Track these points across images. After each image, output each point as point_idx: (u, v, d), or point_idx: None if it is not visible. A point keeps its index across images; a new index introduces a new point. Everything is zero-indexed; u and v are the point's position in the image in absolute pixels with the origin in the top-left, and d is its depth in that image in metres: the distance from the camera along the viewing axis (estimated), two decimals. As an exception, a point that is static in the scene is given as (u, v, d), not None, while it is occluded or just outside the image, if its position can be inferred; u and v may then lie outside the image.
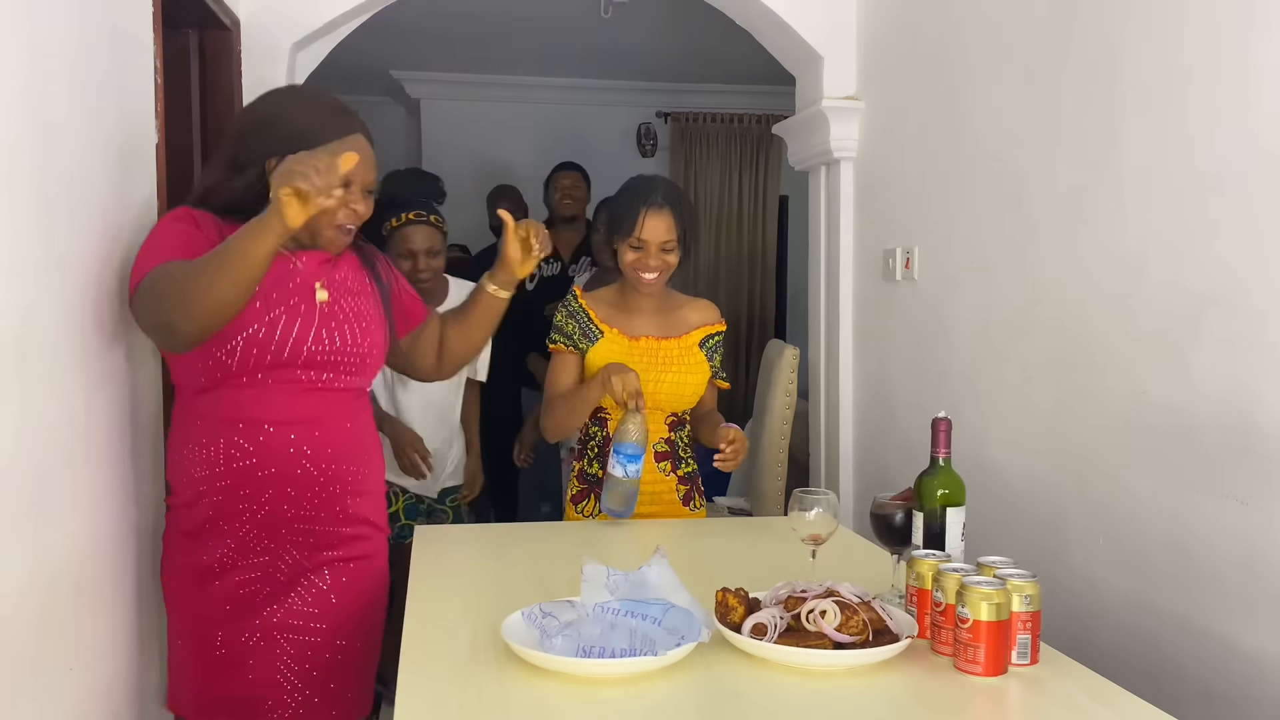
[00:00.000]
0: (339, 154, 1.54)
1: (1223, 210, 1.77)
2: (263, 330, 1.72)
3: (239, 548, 1.76)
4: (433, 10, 4.72)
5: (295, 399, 1.77)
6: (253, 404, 1.74)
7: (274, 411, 1.75)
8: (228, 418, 1.74)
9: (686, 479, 2.34)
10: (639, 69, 6.01)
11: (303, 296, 1.77)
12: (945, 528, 1.53)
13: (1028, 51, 2.34)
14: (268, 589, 1.78)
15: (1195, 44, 1.84)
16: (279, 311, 1.73)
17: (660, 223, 2.21)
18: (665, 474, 2.30)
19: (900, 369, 2.97)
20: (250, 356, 1.71)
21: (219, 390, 1.74)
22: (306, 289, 1.78)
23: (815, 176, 3.43)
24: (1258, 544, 1.69)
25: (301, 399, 1.78)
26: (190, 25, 2.78)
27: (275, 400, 1.75)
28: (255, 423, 1.74)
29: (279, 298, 1.74)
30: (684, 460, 2.34)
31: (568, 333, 2.29)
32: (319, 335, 1.78)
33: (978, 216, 2.56)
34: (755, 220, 6.53)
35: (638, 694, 1.25)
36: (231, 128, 1.72)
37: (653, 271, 2.23)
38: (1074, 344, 2.17)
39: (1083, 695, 1.28)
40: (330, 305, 1.81)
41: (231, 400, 1.74)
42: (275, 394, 1.75)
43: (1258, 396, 1.69)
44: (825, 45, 3.22)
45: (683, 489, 2.33)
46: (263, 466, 1.75)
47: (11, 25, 1.50)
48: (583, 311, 2.29)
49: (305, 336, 1.76)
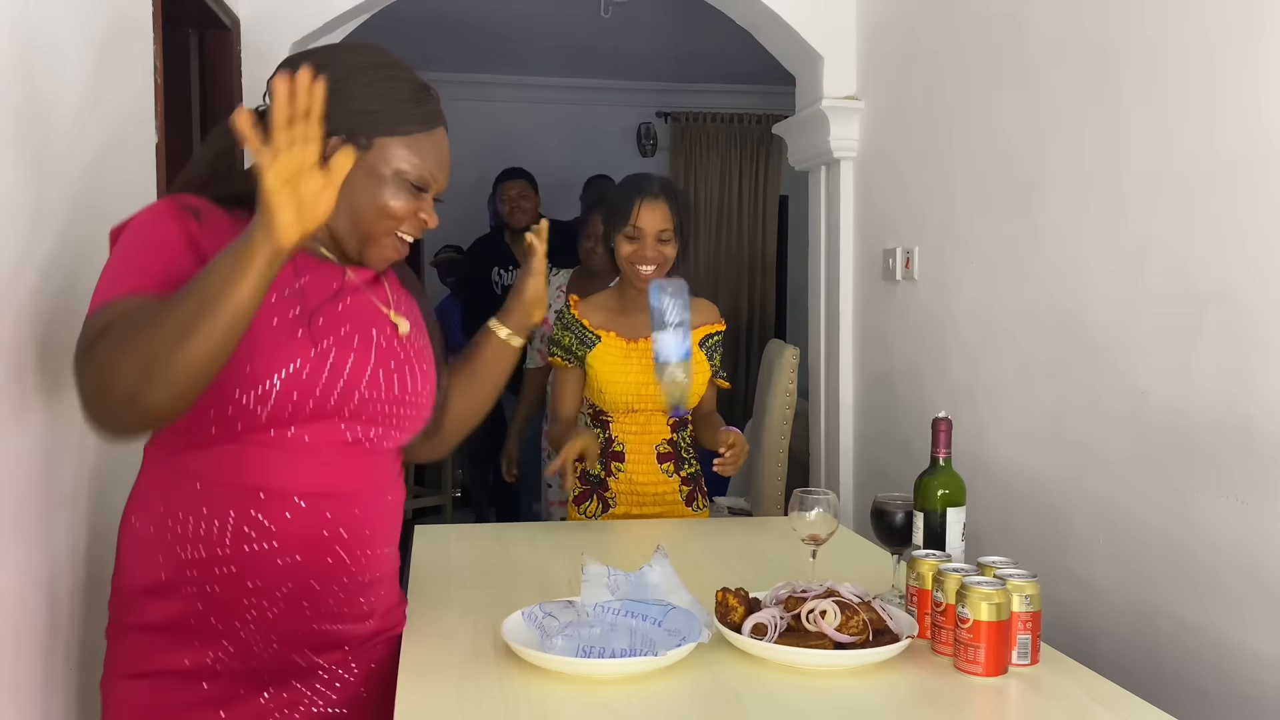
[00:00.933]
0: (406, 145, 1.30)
1: (1222, 210, 1.77)
2: (308, 368, 1.26)
3: (237, 653, 1.30)
4: (433, 10, 4.72)
5: (336, 463, 1.32)
6: (281, 468, 1.28)
7: (308, 479, 1.30)
8: (244, 484, 1.27)
9: (690, 480, 2.34)
10: (639, 69, 6.01)
11: (356, 324, 1.35)
12: (945, 528, 1.53)
13: (1028, 51, 2.34)
14: (262, 698, 1.33)
15: (1195, 43, 1.84)
16: (328, 343, 1.30)
17: (656, 212, 2.21)
18: (669, 475, 2.30)
19: (900, 369, 2.97)
20: (288, 403, 1.26)
21: (233, 446, 1.27)
22: (361, 314, 1.37)
23: (815, 176, 3.43)
24: (1258, 544, 1.69)
25: (344, 463, 1.33)
26: (190, 25, 2.78)
27: (310, 464, 1.30)
28: (281, 494, 1.28)
29: (327, 324, 1.31)
30: (686, 461, 2.34)
31: (565, 345, 2.29)
32: (375, 378, 1.34)
33: (978, 216, 2.56)
34: (755, 220, 6.54)
35: (638, 694, 1.25)
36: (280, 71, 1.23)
37: (650, 264, 2.22)
38: (1074, 344, 2.17)
39: (1083, 695, 1.28)
40: (389, 339, 1.39)
41: (253, 461, 1.27)
42: (311, 456, 1.30)
43: (1258, 396, 1.69)
44: (825, 45, 3.22)
45: (686, 489, 2.33)
46: (285, 552, 1.29)
47: (12, 25, 1.49)
48: (576, 322, 2.29)
49: (359, 378, 1.32)
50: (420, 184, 1.36)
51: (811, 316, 3.50)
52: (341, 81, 1.29)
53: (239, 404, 1.24)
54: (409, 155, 1.34)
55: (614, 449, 2.29)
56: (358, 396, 1.32)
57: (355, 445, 1.34)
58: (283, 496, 1.29)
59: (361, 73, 1.33)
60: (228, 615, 1.29)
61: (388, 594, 1.43)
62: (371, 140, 1.32)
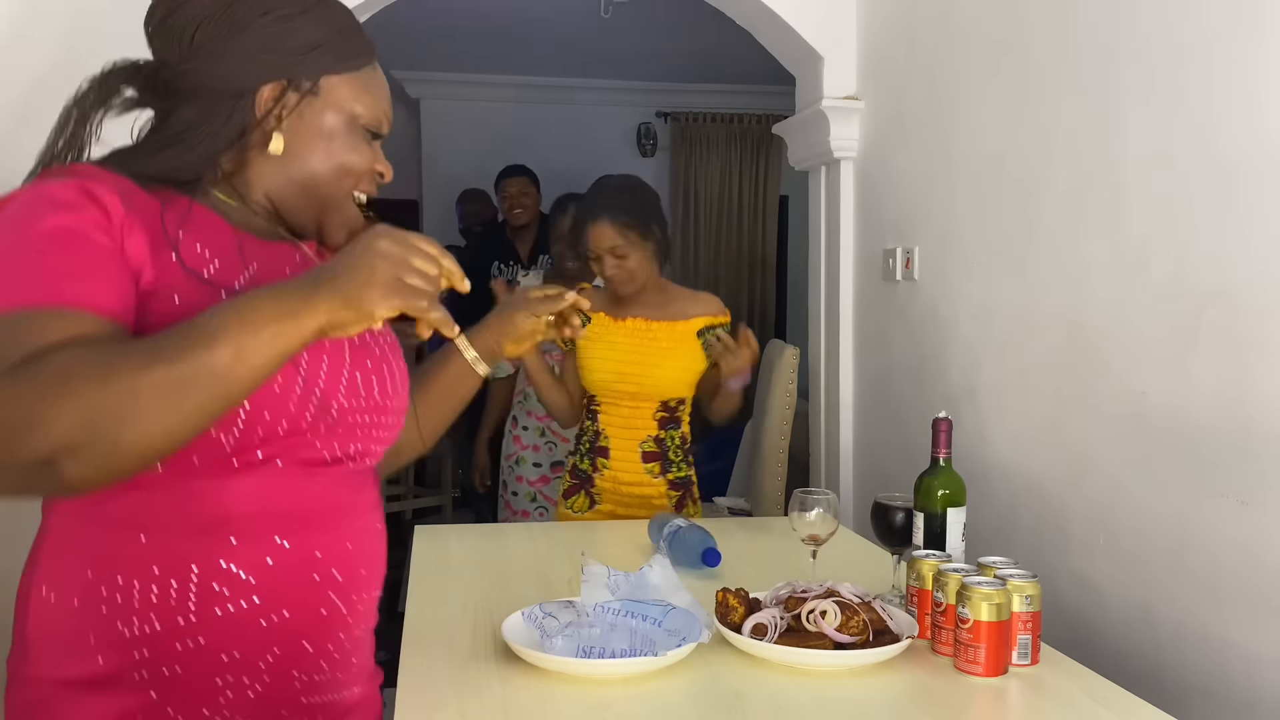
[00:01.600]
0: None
1: (1223, 209, 1.77)
2: (278, 380, 0.99)
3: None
4: (433, 10, 4.72)
5: (318, 490, 1.06)
6: (253, 503, 1.01)
7: (288, 513, 1.03)
8: (207, 529, 0.99)
9: (679, 484, 2.31)
10: (639, 69, 6.01)
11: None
12: (946, 528, 1.53)
13: (1028, 51, 2.34)
14: None
15: (1195, 42, 1.84)
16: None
17: (602, 234, 2.27)
18: (653, 476, 2.28)
19: (900, 369, 2.97)
20: (258, 424, 0.99)
21: (188, 483, 0.98)
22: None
23: (815, 176, 3.43)
24: (1258, 544, 1.69)
25: (327, 489, 1.07)
26: (190, 25, 2.78)
27: (288, 493, 1.03)
28: (257, 535, 1.02)
29: None
30: (675, 464, 2.31)
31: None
32: (353, 383, 1.09)
33: (978, 216, 2.56)
34: (755, 220, 6.54)
35: (638, 694, 1.25)
36: (172, 18, 1.02)
37: (613, 280, 2.28)
38: (1074, 344, 2.17)
39: (1083, 695, 1.28)
40: (362, 334, 1.10)
41: (216, 499, 0.99)
42: (289, 484, 1.03)
43: (1258, 397, 1.69)
44: (825, 45, 3.21)
45: (675, 494, 2.30)
46: (269, 609, 1.02)
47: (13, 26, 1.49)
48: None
49: (335, 385, 1.06)
50: (375, 128, 1.12)
51: (811, 316, 3.50)
52: (268, 16, 1.04)
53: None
54: (362, 94, 1.10)
55: (600, 443, 2.29)
56: (335, 406, 1.05)
57: (337, 464, 1.08)
58: (260, 538, 1.01)
59: (290, 1, 1.07)
60: (193, 703, 1.00)
61: (372, 650, 1.20)
62: (317, 82, 1.07)
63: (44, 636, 1.00)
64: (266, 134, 1.06)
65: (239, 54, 1.03)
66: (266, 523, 1.02)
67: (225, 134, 1.03)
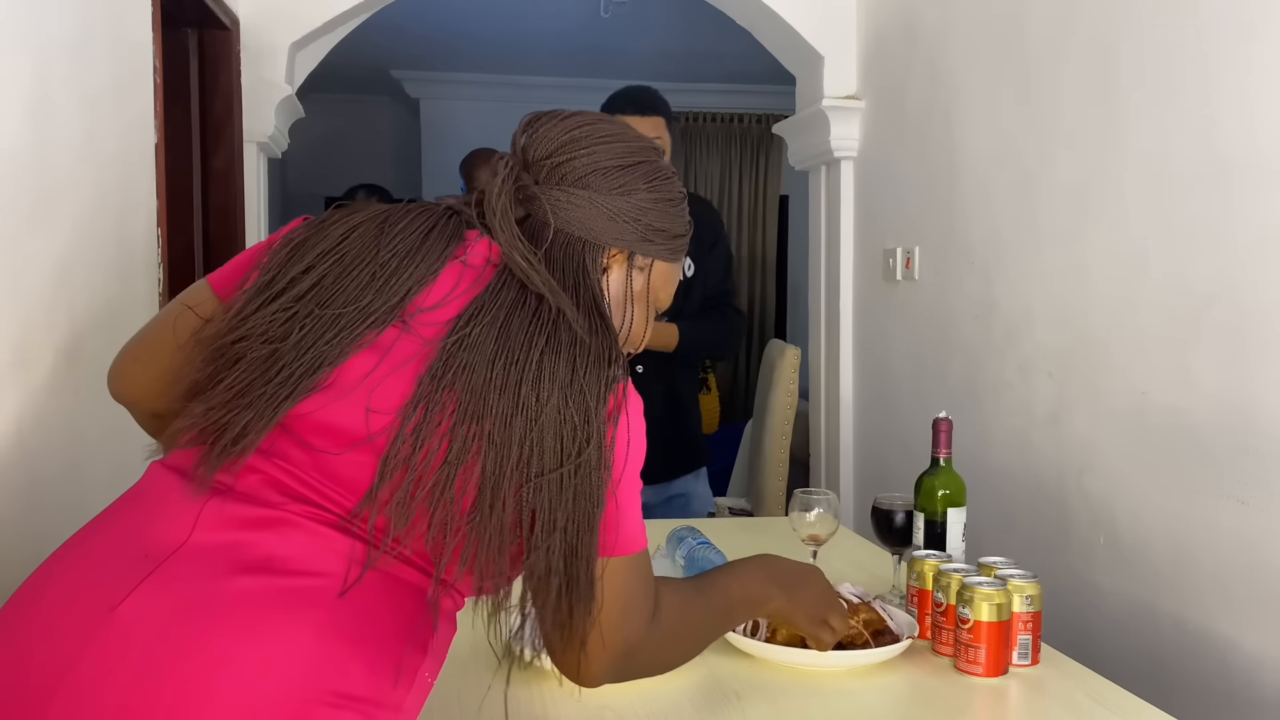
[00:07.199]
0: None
1: (1223, 209, 1.77)
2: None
3: None
4: (433, 10, 4.72)
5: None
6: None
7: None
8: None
9: None
10: (639, 69, 6.01)
11: None
12: (946, 528, 1.53)
13: (1028, 51, 2.34)
14: None
15: (1195, 42, 1.84)
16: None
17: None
18: None
19: (901, 369, 2.96)
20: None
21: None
22: None
23: (815, 176, 3.43)
24: (1259, 544, 1.68)
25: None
26: (190, 25, 2.78)
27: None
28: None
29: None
30: None
31: None
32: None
33: (978, 216, 2.56)
34: (755, 220, 6.53)
35: (637, 694, 1.24)
36: (573, 160, 1.11)
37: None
38: (1074, 344, 2.16)
39: (1083, 695, 1.28)
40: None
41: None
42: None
43: (1259, 396, 1.69)
44: (825, 45, 3.21)
45: None
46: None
47: (13, 26, 1.49)
48: None
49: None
50: (659, 309, 1.20)
51: (811, 316, 3.50)
52: (652, 194, 1.14)
53: None
54: (667, 284, 1.20)
55: None
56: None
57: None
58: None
59: (675, 198, 1.17)
60: None
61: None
62: (650, 261, 1.16)
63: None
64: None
65: (612, 213, 1.10)
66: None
67: (565, 265, 1.09)
